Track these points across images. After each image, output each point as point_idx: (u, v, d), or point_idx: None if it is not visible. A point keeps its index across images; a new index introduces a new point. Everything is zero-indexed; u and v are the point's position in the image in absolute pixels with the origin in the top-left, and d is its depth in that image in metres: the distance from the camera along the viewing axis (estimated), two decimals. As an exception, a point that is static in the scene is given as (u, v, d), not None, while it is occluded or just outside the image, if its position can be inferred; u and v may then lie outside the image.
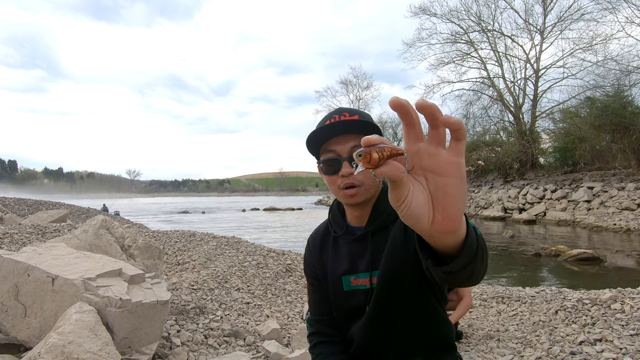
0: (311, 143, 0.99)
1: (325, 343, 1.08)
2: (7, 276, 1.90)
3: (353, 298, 1.01)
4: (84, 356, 1.45)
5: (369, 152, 0.43)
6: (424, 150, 0.44)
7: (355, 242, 1.02)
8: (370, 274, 0.97)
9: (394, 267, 0.92)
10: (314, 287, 1.13)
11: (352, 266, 1.01)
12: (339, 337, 1.09)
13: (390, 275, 0.92)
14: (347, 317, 1.05)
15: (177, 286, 3.34)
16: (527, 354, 2.64)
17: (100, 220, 3.14)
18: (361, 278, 0.99)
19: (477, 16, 25.47)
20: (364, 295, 0.99)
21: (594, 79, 19.95)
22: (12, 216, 6.44)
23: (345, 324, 1.06)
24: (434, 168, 0.44)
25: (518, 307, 3.64)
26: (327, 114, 1.01)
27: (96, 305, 1.73)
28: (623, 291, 3.29)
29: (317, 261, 1.11)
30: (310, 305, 1.15)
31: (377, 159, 0.43)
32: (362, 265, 0.99)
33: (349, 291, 1.01)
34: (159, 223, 19.65)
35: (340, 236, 1.05)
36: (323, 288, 1.10)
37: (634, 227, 11.68)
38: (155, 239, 5.35)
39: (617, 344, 2.46)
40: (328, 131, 0.94)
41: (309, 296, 1.15)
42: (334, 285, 1.04)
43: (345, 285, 1.02)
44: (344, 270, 1.02)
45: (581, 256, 7.44)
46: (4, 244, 3.64)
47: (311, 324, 1.13)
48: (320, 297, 1.11)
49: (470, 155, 24.63)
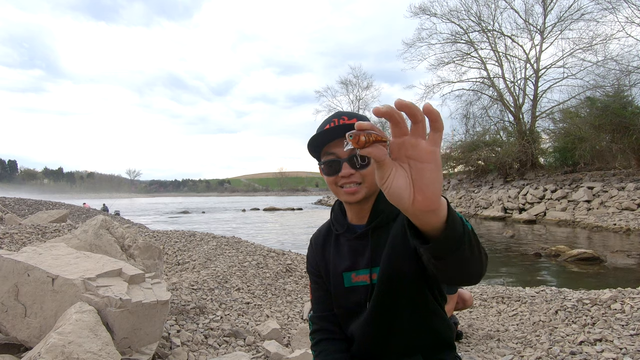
0: (312, 146, 1.04)
1: (328, 340, 1.09)
2: (7, 276, 1.90)
3: (354, 294, 1.03)
4: (84, 356, 1.45)
5: (358, 135, 0.52)
6: (408, 141, 0.52)
7: (356, 240, 1.04)
8: (370, 271, 0.99)
9: (393, 264, 0.94)
10: (317, 285, 1.15)
11: (353, 263, 1.03)
12: (341, 334, 1.10)
13: (390, 272, 0.94)
14: (348, 314, 1.06)
15: (177, 286, 3.34)
16: (527, 354, 2.64)
17: (100, 220, 3.14)
18: (361, 274, 1.01)
19: (477, 16, 25.48)
20: (364, 291, 1.01)
21: (594, 79, 19.98)
22: (12, 216, 6.44)
23: (346, 321, 1.07)
24: (415, 156, 0.52)
25: (518, 307, 3.64)
26: (326, 117, 1.07)
27: (96, 305, 1.73)
28: (623, 291, 3.29)
29: (319, 259, 1.13)
30: (312, 303, 1.17)
31: (364, 141, 0.52)
32: (362, 262, 1.01)
33: (350, 287, 1.03)
34: (159, 223, 19.65)
35: (342, 234, 1.08)
36: (325, 286, 1.12)
37: (634, 227, 11.68)
38: (155, 239, 5.35)
39: (617, 344, 2.46)
40: (328, 135, 1.00)
41: (312, 294, 1.17)
42: (335, 282, 1.06)
43: (347, 282, 1.04)
44: (345, 267, 1.04)
45: (581, 256, 7.44)
46: (4, 244, 3.64)
47: (314, 322, 1.14)
48: (323, 294, 1.13)
49: (470, 155, 24.64)
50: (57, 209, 10.05)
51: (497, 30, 25.23)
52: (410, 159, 0.53)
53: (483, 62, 26.25)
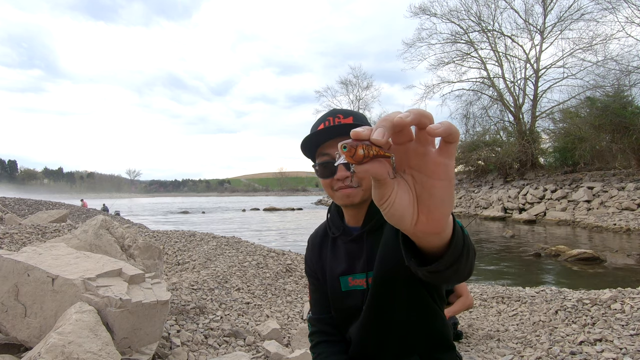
0: (306, 147, 1.00)
1: (327, 342, 1.09)
2: (7, 276, 1.89)
3: (350, 298, 1.01)
4: (84, 356, 1.44)
5: (355, 147, 0.40)
6: (413, 149, 0.43)
7: (352, 243, 1.02)
8: (366, 275, 0.98)
9: (387, 267, 0.92)
10: (315, 287, 1.14)
11: (349, 267, 1.02)
12: (340, 336, 1.09)
13: (383, 275, 0.92)
14: (345, 318, 1.05)
15: (177, 286, 3.34)
16: (527, 354, 2.64)
17: (100, 220, 3.14)
18: (358, 279, 1.00)
19: (477, 16, 25.48)
20: (360, 295, 0.99)
21: (594, 79, 19.98)
22: (12, 216, 6.44)
23: (344, 324, 1.07)
24: (422, 168, 0.43)
25: (518, 307, 3.64)
26: (321, 116, 1.02)
27: (96, 305, 1.73)
28: (623, 291, 3.29)
29: (316, 261, 1.12)
30: (311, 304, 1.16)
31: (362, 155, 0.40)
32: (359, 265, 1.00)
33: (347, 292, 1.02)
34: (159, 223, 19.65)
35: (339, 237, 1.06)
36: (323, 288, 1.11)
37: (634, 227, 11.68)
38: (155, 239, 5.35)
39: (617, 344, 2.45)
40: (321, 135, 0.96)
41: (310, 295, 1.16)
42: (332, 286, 1.05)
43: (343, 286, 1.03)
44: (341, 270, 1.03)
45: (581, 256, 7.44)
46: (4, 244, 3.64)
47: (312, 323, 1.14)
48: (321, 296, 1.11)
49: (470, 155, 24.65)
50: (57, 209, 10.05)
51: (497, 30, 25.24)
52: (415, 171, 0.44)
53: (483, 62, 26.25)
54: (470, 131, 26.77)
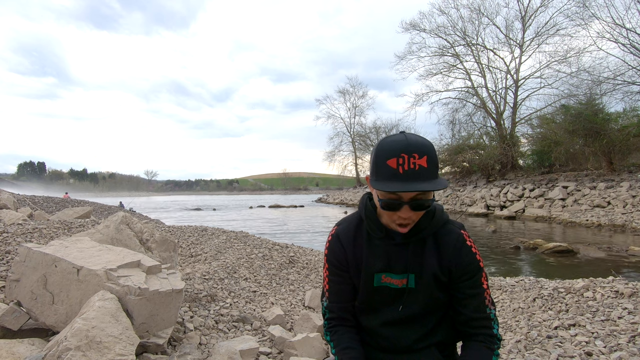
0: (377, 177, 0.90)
1: (344, 327, 1.08)
2: (37, 267, 1.89)
3: (379, 294, 1.02)
4: (106, 339, 1.44)
5: None
6: None
7: (394, 246, 1.01)
8: (407, 276, 0.99)
9: (428, 273, 0.98)
10: (341, 278, 1.07)
11: (386, 266, 1.00)
12: (356, 324, 1.10)
13: (427, 279, 0.98)
14: (370, 310, 1.05)
15: (190, 276, 3.33)
16: (508, 337, 2.64)
17: (121, 216, 3.14)
18: (394, 278, 1.00)
19: (462, 31, 25.50)
20: (393, 292, 1.01)
21: (569, 88, 20.00)
22: (41, 213, 6.44)
23: (367, 314, 1.07)
24: None
25: (499, 295, 3.64)
26: (392, 141, 0.88)
27: (117, 293, 1.73)
28: (595, 281, 3.29)
29: (349, 255, 1.06)
30: (330, 293, 1.10)
31: None
32: (398, 266, 1.00)
33: (378, 287, 1.02)
34: (174, 219, 19.63)
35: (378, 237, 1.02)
36: (350, 280, 1.07)
37: (605, 223, 11.67)
38: (171, 234, 5.34)
39: (589, 329, 2.45)
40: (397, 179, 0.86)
41: (331, 285, 1.10)
42: (365, 281, 1.03)
43: (376, 282, 1.02)
44: (379, 268, 1.01)
45: (557, 249, 7.44)
46: (33, 237, 3.64)
47: (331, 310, 1.09)
48: (346, 287, 1.07)
49: (456, 158, 24.63)
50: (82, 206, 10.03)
51: (480, 44, 25.25)
52: None
53: (468, 73, 26.28)
54: (456, 136, 26.81)
